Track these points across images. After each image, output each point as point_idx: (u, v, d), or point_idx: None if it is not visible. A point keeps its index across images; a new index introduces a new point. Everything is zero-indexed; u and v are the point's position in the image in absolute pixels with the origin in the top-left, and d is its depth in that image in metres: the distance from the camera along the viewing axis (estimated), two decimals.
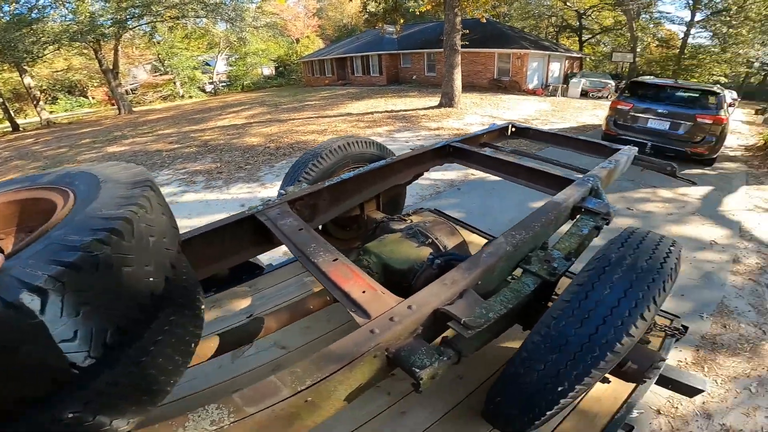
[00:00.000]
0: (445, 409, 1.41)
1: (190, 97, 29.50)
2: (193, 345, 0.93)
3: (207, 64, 34.15)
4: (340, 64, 28.59)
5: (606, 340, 0.95)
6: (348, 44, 30.31)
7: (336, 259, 1.15)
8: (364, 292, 1.02)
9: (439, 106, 13.06)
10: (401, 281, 1.48)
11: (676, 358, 2.87)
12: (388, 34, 26.06)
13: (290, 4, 38.43)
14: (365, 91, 19.95)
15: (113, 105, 22.73)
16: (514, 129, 2.75)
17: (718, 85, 8.64)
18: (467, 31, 13.13)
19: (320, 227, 2.26)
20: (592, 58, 30.75)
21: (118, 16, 17.58)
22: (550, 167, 2.07)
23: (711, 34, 26.00)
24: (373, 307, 0.97)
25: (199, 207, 5.63)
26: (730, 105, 8.05)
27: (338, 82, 27.81)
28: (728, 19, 23.82)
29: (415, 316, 0.93)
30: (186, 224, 4.95)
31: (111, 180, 0.86)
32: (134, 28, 19.68)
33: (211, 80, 32.97)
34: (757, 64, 31.98)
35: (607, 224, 1.69)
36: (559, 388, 0.99)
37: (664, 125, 7.08)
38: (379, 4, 17.08)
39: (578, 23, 29.10)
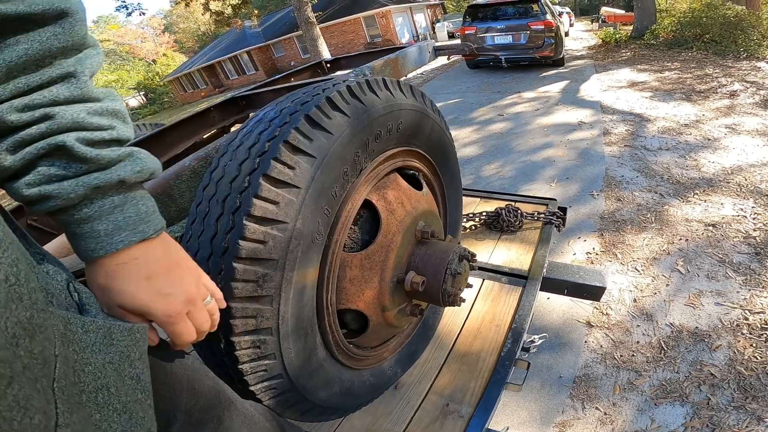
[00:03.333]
0: None
1: None
2: None
3: None
4: (210, 73, 26.42)
5: (224, 250, 0.53)
6: (210, 50, 28.04)
7: None
8: None
9: None
10: None
11: (584, 250, 2.58)
12: (248, 29, 24.46)
13: (132, 28, 34.32)
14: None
15: None
16: (328, 64, 2.55)
17: None
18: (315, 1, 12.66)
19: None
20: (453, 2, 32.07)
21: None
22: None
23: None
24: None
25: None
26: (560, 14, 8.94)
27: (215, 91, 25.80)
28: None
29: None
30: None
31: None
32: None
33: None
34: None
35: None
36: (221, 345, 0.57)
37: (507, 39, 7.70)
38: (224, 2, 15.81)
39: None
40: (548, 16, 7.37)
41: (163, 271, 0.40)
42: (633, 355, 1.91)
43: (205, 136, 1.82)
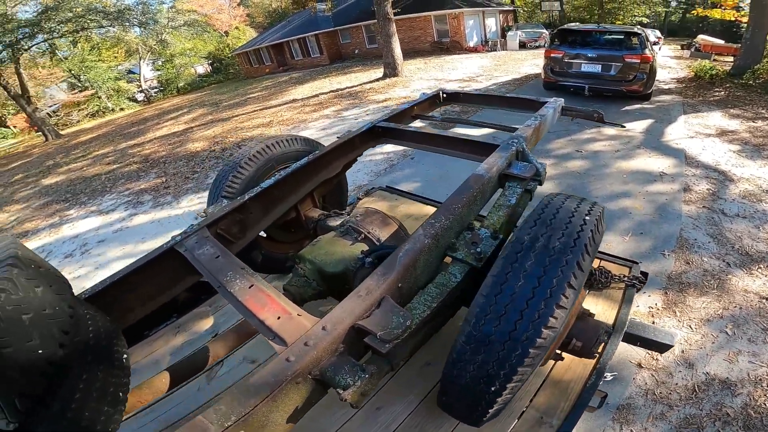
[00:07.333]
0: (417, 399, 1.43)
1: (122, 109, 27.38)
2: (121, 393, 0.96)
3: (131, 72, 31.66)
4: (277, 51, 27.36)
5: (526, 337, 0.89)
6: (281, 29, 28.91)
7: (252, 286, 1.09)
8: (279, 318, 0.99)
9: (384, 77, 12.87)
10: (341, 284, 1.41)
11: (647, 304, 2.84)
12: (320, 13, 25.01)
13: None
14: (308, 74, 19.25)
15: (37, 131, 20.65)
16: (444, 95, 2.69)
17: (639, 26, 8.98)
18: None
19: (263, 233, 2.14)
20: (525, 9, 30.93)
21: (7, 39, 15.67)
22: (478, 133, 2.04)
23: None
24: (289, 332, 0.94)
25: (151, 228, 5.29)
26: (654, 43, 8.40)
27: (279, 69, 26.71)
28: None
29: (330, 337, 0.91)
30: (141, 249, 4.68)
31: None
32: (29, 48, 17.57)
33: (140, 88, 30.62)
34: (674, 3, 33.23)
35: (540, 184, 1.62)
36: (492, 388, 0.95)
37: (596, 68, 7.37)
38: None
39: None
40: (647, 51, 6.92)
41: None
42: (670, 393, 2.26)
43: (349, 160, 2.10)
